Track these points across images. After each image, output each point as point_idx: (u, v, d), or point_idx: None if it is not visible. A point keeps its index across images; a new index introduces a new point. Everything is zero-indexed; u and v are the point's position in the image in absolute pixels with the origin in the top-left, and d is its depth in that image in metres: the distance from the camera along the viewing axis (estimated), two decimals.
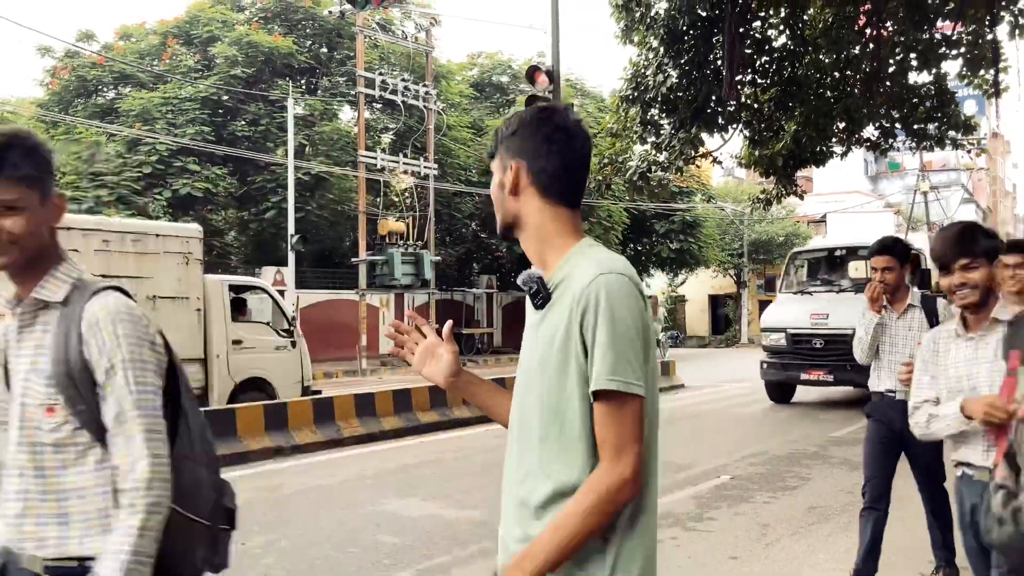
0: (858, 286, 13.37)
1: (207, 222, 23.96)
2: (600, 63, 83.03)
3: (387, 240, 26.04)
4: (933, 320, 4.53)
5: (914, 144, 14.72)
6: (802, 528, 6.23)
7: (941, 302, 4.63)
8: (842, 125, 13.48)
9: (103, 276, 8.80)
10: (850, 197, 45.15)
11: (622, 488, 1.56)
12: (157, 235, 10.61)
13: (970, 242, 2.89)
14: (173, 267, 10.56)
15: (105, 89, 28.30)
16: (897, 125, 13.86)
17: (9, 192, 1.77)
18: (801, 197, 15.41)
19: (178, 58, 27.34)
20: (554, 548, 1.55)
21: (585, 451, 1.60)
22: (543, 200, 1.80)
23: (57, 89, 27.60)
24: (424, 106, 26.76)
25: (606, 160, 13.79)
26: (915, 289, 4.86)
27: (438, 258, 27.55)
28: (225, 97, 26.04)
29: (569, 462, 1.60)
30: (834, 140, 13.88)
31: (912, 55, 12.69)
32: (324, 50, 29.31)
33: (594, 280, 1.61)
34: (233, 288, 11.66)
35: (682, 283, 43.57)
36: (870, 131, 14.10)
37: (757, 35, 12.79)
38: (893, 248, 4.77)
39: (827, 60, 12.75)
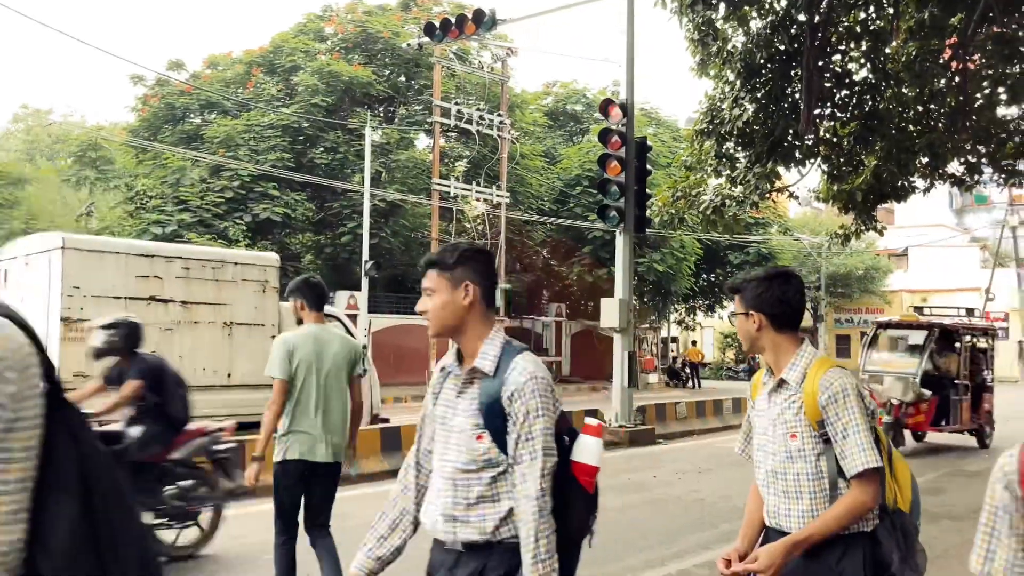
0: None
1: (285, 246, 24.58)
2: (675, 92, 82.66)
3: None
4: None
5: (1002, 180, 14.22)
6: None
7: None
8: (925, 160, 13.10)
9: (183, 303, 8.98)
10: (934, 230, 43.83)
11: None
12: (236, 263, 10.89)
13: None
14: (250, 294, 10.82)
15: (192, 116, 29.37)
16: (984, 160, 13.42)
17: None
18: (881, 233, 14.98)
19: (261, 87, 28.20)
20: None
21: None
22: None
23: (147, 116, 28.77)
24: (498, 135, 27.00)
25: (679, 193, 13.67)
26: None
27: (508, 286, 27.63)
28: (305, 125, 26.74)
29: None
30: (916, 175, 13.50)
31: (1000, 88, 12.29)
32: (402, 79, 29.89)
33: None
34: None
35: None
36: (955, 166, 13.67)
37: (837, 69, 12.55)
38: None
39: (910, 94, 12.42)
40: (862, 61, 12.57)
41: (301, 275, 5.67)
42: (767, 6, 11.49)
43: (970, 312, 16.79)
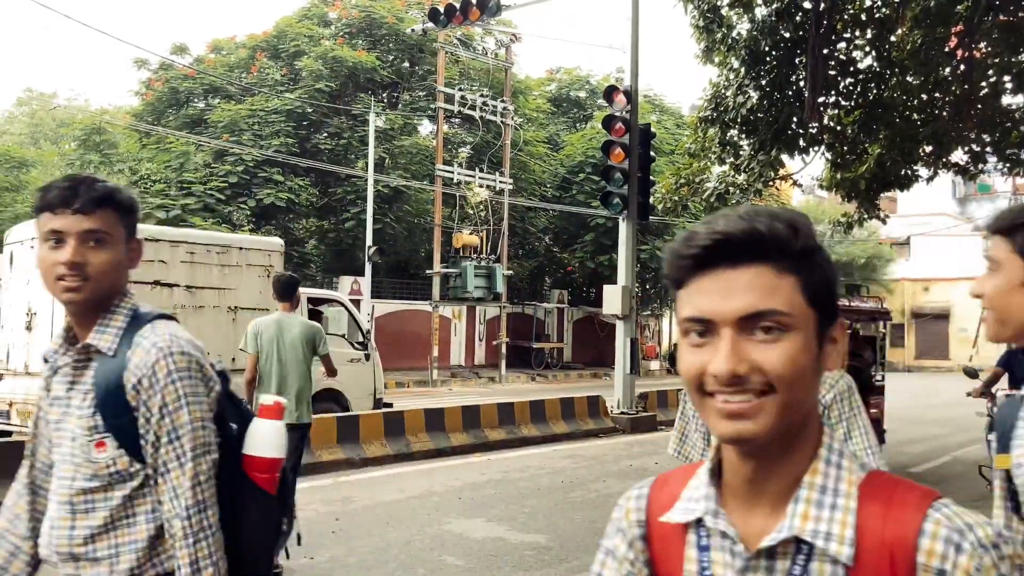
0: None
1: (288, 231, 24.62)
2: (679, 79, 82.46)
3: (461, 253, 26.28)
4: None
5: (1006, 169, 14.19)
6: None
7: None
8: (929, 149, 13.08)
9: (188, 287, 9.04)
10: (936, 219, 43.78)
11: None
12: (240, 248, 10.91)
13: None
14: (255, 279, 10.85)
15: (196, 100, 29.32)
16: (988, 149, 13.39)
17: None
18: (884, 221, 14.96)
19: (265, 72, 28.15)
20: None
21: None
22: None
23: (151, 100, 28.73)
24: (501, 121, 26.96)
25: (683, 180, 13.67)
26: None
27: (510, 272, 27.67)
28: (309, 110, 26.70)
29: None
30: (920, 164, 13.49)
31: (1007, 77, 12.25)
32: (406, 65, 29.83)
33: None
34: (311, 300, 11.92)
35: None
36: (959, 155, 13.65)
37: (842, 56, 12.53)
38: None
39: (915, 82, 12.40)
40: (867, 49, 12.54)
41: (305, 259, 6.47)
42: None
43: (854, 290, 12.92)
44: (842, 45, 12.49)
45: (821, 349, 1.02)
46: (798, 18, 11.62)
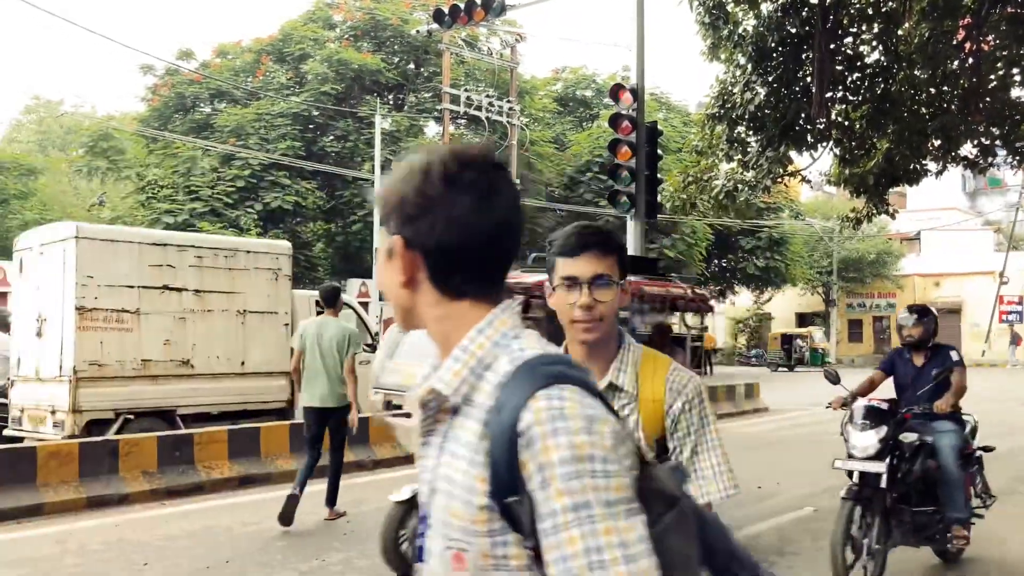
0: None
1: (296, 235, 24.63)
2: (685, 76, 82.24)
3: None
4: None
5: (1016, 162, 14.10)
6: (895, 569, 6.00)
7: None
8: (937, 143, 13.00)
9: (196, 291, 9.10)
10: (946, 214, 43.58)
11: None
12: (248, 251, 10.93)
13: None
14: (263, 283, 10.86)
15: (202, 105, 29.40)
16: (997, 142, 13.30)
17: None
18: (893, 216, 14.89)
19: (271, 75, 28.21)
20: None
21: None
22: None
23: (157, 105, 28.83)
24: (507, 122, 26.94)
25: (691, 178, 13.61)
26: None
27: (518, 271, 27.61)
28: (315, 113, 26.73)
29: None
30: (929, 158, 13.40)
31: (1015, 70, 12.18)
32: (411, 67, 29.85)
33: None
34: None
35: (768, 301, 42.64)
36: (968, 149, 13.55)
37: (849, 51, 12.46)
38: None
39: (922, 76, 12.33)
40: (874, 43, 12.47)
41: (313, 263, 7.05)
42: None
43: (647, 265, 10.01)
44: (849, 40, 12.42)
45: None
46: (804, 13, 11.56)
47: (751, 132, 12.80)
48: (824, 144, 12.91)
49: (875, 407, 5.66)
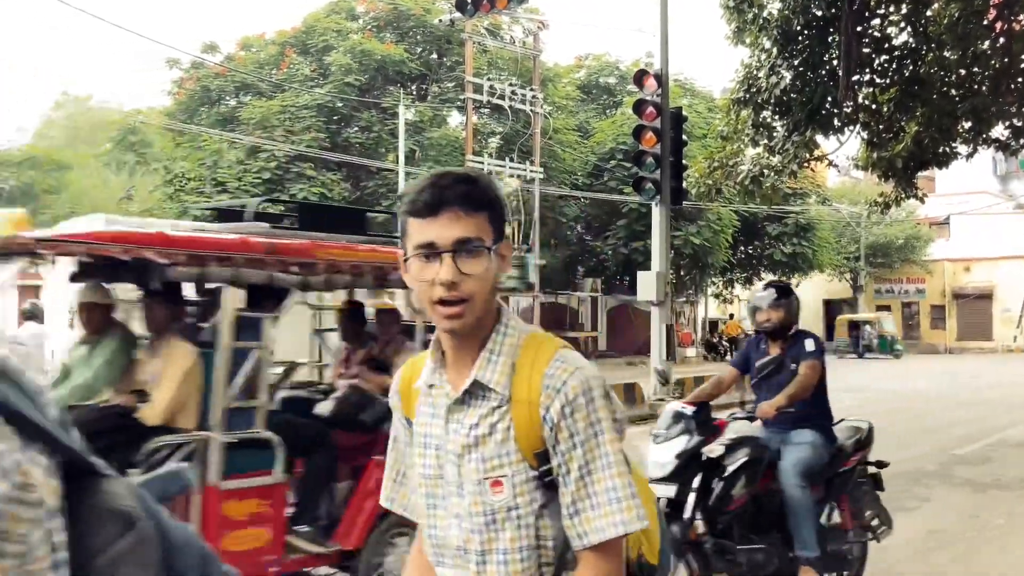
0: None
1: None
2: (710, 62, 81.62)
3: None
4: None
5: None
6: (920, 553, 5.96)
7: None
8: (968, 125, 12.82)
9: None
10: (976, 198, 42.88)
11: None
12: None
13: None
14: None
15: (227, 98, 29.59)
16: None
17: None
18: (922, 200, 14.72)
19: (295, 67, 28.32)
20: None
21: None
22: None
23: (183, 99, 29.06)
24: (531, 110, 26.88)
25: (716, 164, 13.54)
26: None
27: (543, 261, 27.64)
28: (340, 104, 26.82)
29: None
30: (959, 141, 13.22)
31: None
32: (434, 57, 29.84)
33: None
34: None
35: (795, 287, 42.29)
36: (999, 131, 13.36)
37: (876, 33, 12.32)
38: None
39: (952, 57, 12.15)
40: (902, 25, 12.32)
41: None
42: None
43: (340, 218, 6.52)
44: (876, 22, 12.28)
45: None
46: None
47: (777, 116, 12.71)
48: (851, 128, 12.79)
49: (682, 411, 4.51)
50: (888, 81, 12.54)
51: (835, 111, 12.31)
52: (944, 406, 15.06)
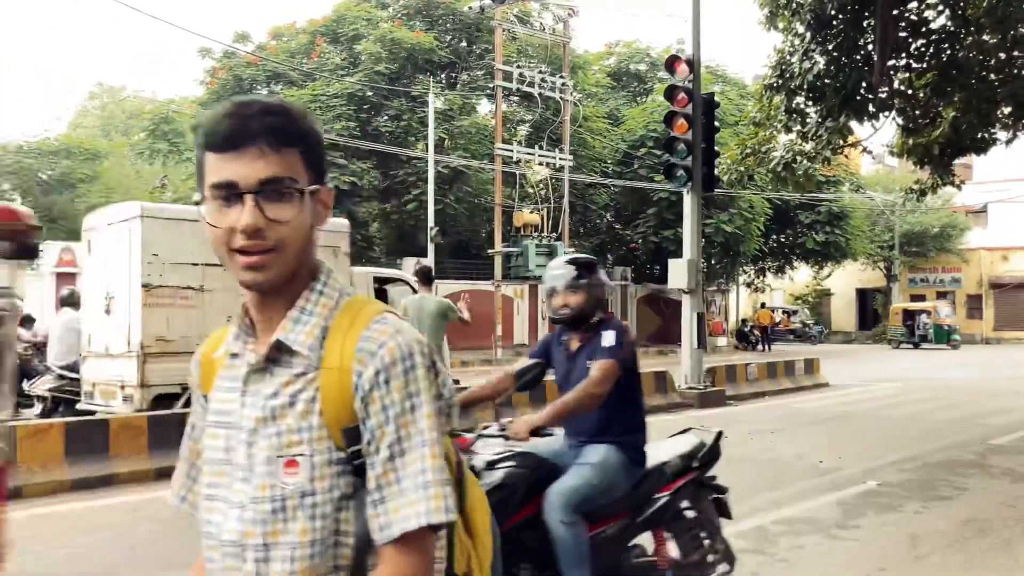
0: None
1: (352, 214, 24.88)
2: (742, 48, 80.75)
3: (522, 232, 26.27)
4: None
5: None
6: (957, 542, 5.88)
7: None
8: (1007, 110, 12.57)
9: None
10: (1016, 185, 42.03)
11: None
12: None
13: None
14: (322, 259, 11.01)
15: (259, 87, 29.80)
16: None
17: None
18: (959, 187, 14.47)
19: (326, 56, 28.45)
20: None
21: None
22: None
23: (215, 88, 29.30)
24: (560, 97, 26.79)
25: (748, 150, 13.42)
26: None
27: (572, 249, 27.57)
28: (370, 93, 26.91)
29: None
30: (998, 126, 12.97)
31: None
32: (464, 45, 29.82)
33: None
34: (377, 280, 12.07)
35: (827, 276, 41.87)
36: None
37: (913, 16, 12.11)
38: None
39: (992, 40, 11.91)
40: (940, 8, 12.09)
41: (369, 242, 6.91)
42: None
43: None
44: (913, 4, 12.07)
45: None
46: None
47: (810, 102, 12.55)
48: (886, 113, 12.60)
49: None
50: (925, 66, 12.32)
51: (870, 96, 12.13)
52: (982, 395, 14.83)
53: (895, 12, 11.36)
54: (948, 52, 12.08)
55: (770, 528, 6.15)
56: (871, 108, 12.28)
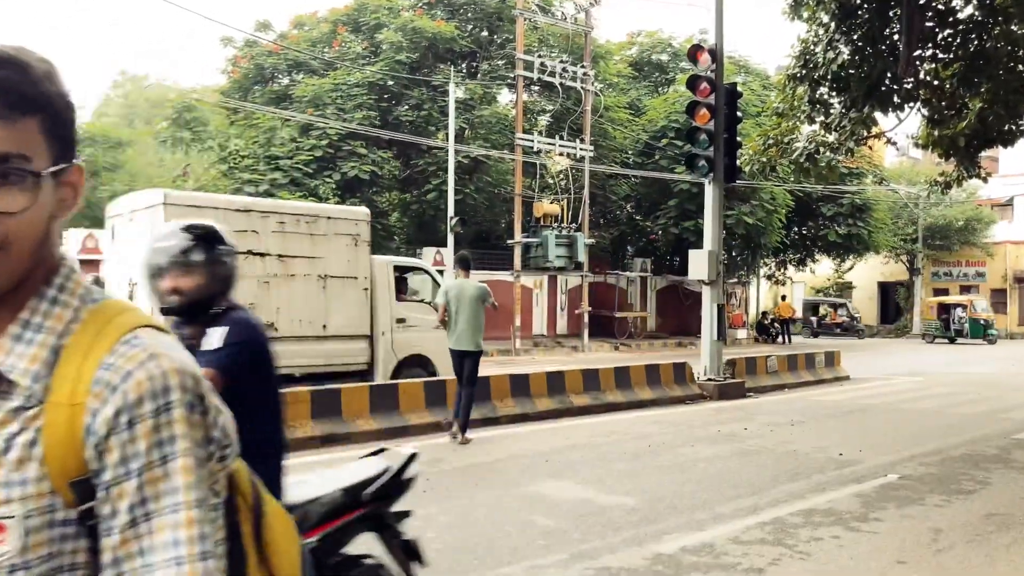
0: None
1: (372, 204, 24.96)
2: (765, 38, 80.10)
3: (542, 222, 26.23)
4: None
5: None
6: (979, 536, 5.85)
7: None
8: None
9: (279, 256, 9.26)
10: None
11: None
12: (329, 217, 11.13)
13: None
14: (343, 248, 11.06)
15: (280, 76, 29.90)
16: None
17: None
18: (985, 180, 14.30)
19: (347, 45, 28.47)
20: None
21: None
22: None
23: (237, 77, 29.44)
24: (581, 87, 26.68)
25: (771, 141, 13.32)
26: None
27: (592, 240, 27.51)
28: (391, 82, 26.92)
29: None
30: None
31: None
32: (485, 34, 29.75)
33: None
34: (397, 268, 12.11)
35: (850, 269, 41.53)
36: None
37: (939, 6, 11.96)
38: None
39: (1019, 31, 11.74)
40: None
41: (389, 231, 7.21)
42: None
43: None
44: None
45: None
46: None
47: (834, 93, 12.45)
48: (911, 104, 12.47)
49: None
50: (951, 56, 12.17)
51: (895, 87, 12.00)
52: (1006, 390, 14.69)
53: (921, 1, 11.24)
54: (975, 42, 11.92)
55: (789, 520, 6.13)
56: (896, 99, 12.15)
